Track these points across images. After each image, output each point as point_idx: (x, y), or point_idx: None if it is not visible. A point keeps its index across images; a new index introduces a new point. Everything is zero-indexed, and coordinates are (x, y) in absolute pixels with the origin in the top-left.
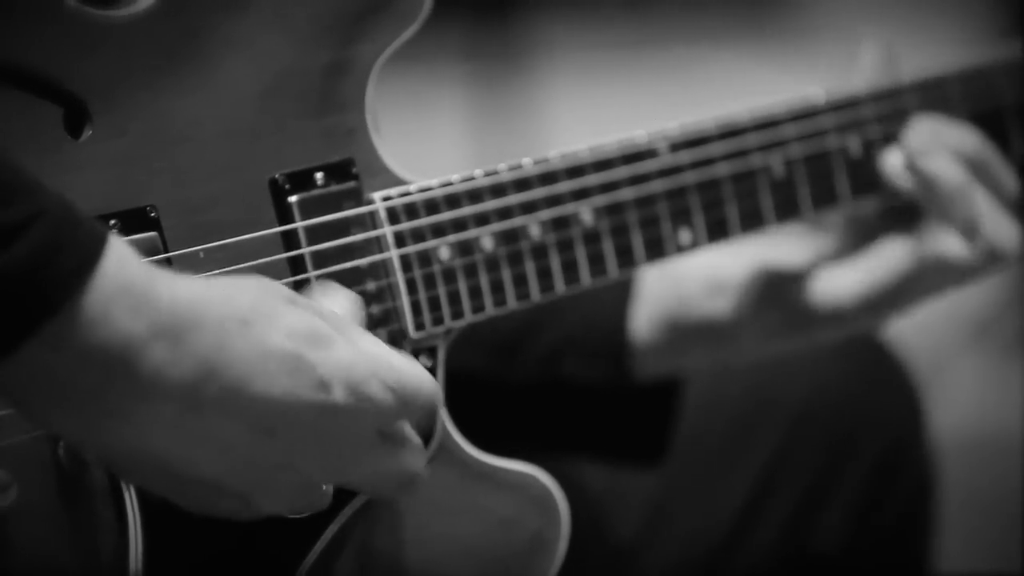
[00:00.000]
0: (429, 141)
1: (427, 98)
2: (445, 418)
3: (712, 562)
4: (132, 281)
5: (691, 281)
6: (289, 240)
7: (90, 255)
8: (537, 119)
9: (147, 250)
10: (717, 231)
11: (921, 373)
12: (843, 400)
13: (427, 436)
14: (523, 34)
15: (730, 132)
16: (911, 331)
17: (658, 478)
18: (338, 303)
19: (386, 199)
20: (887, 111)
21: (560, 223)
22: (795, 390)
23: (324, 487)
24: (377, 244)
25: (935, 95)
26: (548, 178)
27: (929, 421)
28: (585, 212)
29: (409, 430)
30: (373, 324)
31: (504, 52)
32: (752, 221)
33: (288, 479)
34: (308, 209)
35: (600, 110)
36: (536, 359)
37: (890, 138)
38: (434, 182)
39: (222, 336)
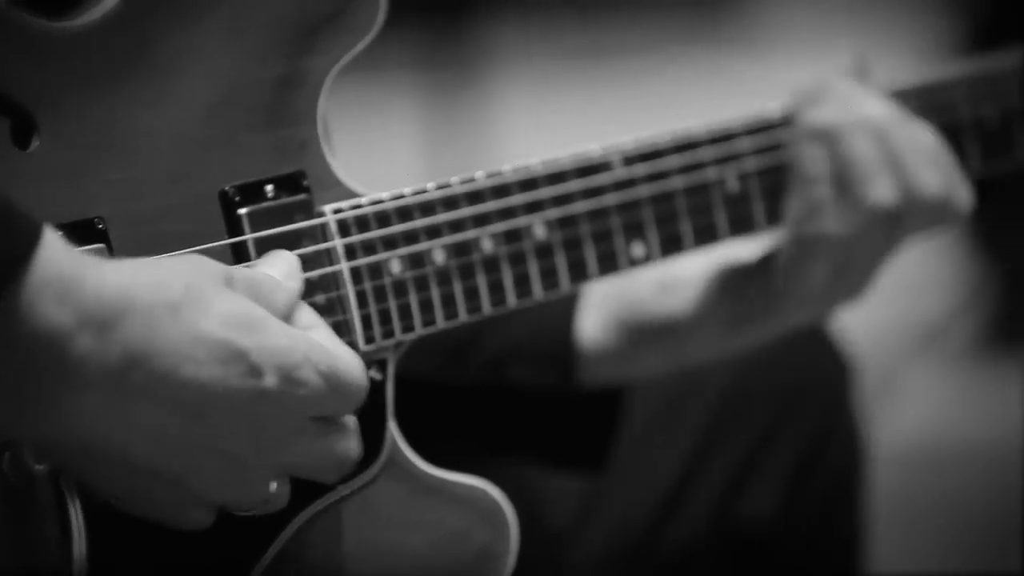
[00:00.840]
0: (383, 152)
1: (381, 109)
2: (394, 431)
3: (647, 538)
4: (60, 271)
5: (642, 282)
6: (239, 253)
7: (23, 249)
8: (491, 129)
9: None
10: (671, 245)
11: (875, 383)
12: (773, 374)
13: (373, 443)
14: (476, 45)
15: (685, 145)
16: (862, 340)
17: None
18: (276, 268)
19: (337, 212)
20: None
21: (512, 236)
22: (725, 365)
23: (273, 484)
24: (328, 256)
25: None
26: (501, 191)
27: (858, 392)
28: (538, 225)
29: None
30: None
31: (458, 63)
32: (706, 235)
33: (221, 463)
34: (258, 221)
35: (553, 120)
36: (482, 365)
37: None
38: (385, 195)
39: (151, 323)
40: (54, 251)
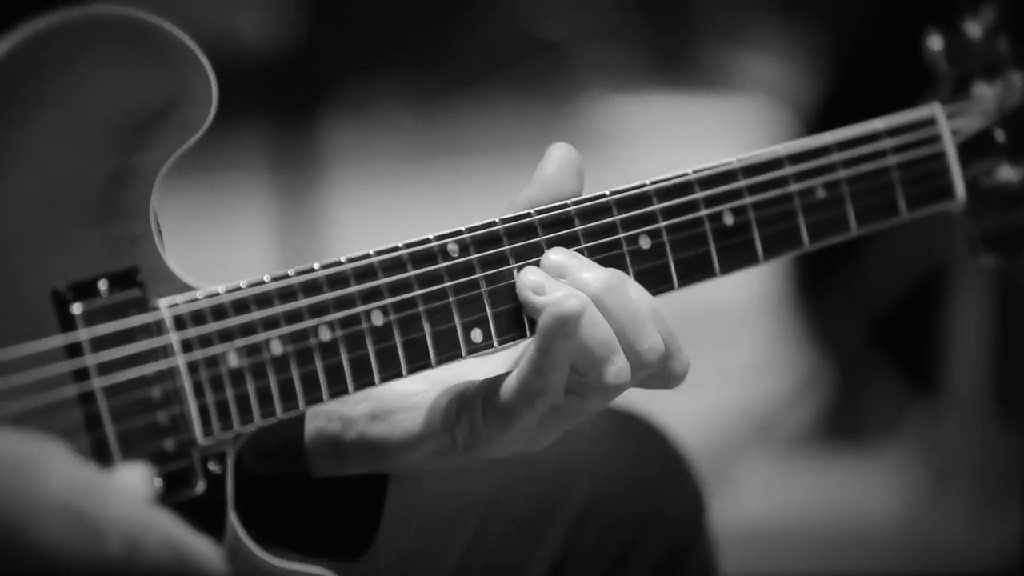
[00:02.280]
0: (236, 249)
1: (232, 207)
2: (235, 523)
3: None
4: None
5: (355, 404)
6: (73, 351)
7: None
8: (339, 223)
9: None
10: (509, 329)
11: (709, 470)
12: (627, 500)
13: (214, 535)
14: (322, 144)
15: (521, 230)
16: (698, 430)
17: None
18: (131, 476)
19: (172, 306)
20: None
21: (349, 324)
22: (579, 487)
23: None
24: (164, 351)
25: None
26: (337, 281)
27: (711, 514)
28: (375, 313)
29: None
30: (160, 432)
31: (304, 161)
32: None
33: None
34: (92, 318)
35: (397, 215)
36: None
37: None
38: (221, 288)
39: None
40: None
